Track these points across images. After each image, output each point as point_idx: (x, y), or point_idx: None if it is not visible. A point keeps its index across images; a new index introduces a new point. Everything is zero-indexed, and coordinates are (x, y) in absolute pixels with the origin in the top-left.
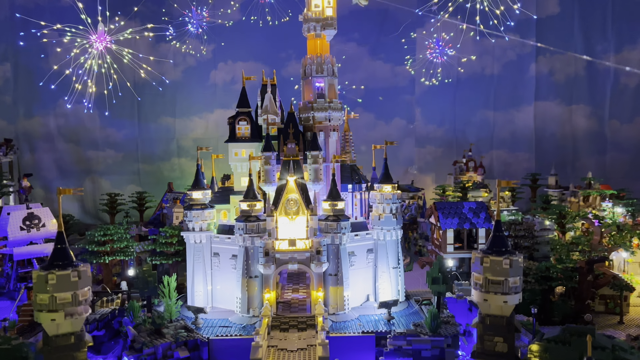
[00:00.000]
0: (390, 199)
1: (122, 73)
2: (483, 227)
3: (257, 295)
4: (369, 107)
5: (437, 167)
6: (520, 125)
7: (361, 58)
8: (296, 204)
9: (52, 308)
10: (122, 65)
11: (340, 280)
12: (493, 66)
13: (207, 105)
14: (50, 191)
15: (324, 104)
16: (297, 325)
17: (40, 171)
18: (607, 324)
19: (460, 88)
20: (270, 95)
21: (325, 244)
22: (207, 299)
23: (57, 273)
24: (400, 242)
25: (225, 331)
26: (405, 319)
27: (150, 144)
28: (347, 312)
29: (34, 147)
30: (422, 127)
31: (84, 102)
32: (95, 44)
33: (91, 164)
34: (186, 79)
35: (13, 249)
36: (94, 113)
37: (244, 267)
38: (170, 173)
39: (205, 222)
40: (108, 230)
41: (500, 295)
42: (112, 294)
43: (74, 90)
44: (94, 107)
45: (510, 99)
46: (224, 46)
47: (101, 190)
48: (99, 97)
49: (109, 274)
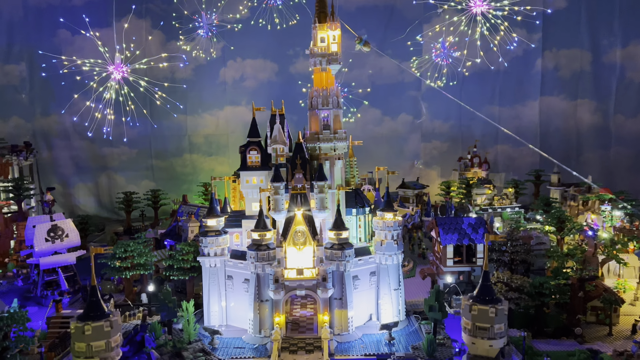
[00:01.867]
0: (392, 226)
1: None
2: (481, 242)
3: (268, 318)
4: (376, 103)
5: (443, 161)
6: (525, 120)
7: (368, 54)
8: (303, 235)
9: (89, 355)
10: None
11: (344, 303)
12: (499, 62)
13: (217, 102)
14: (68, 186)
15: (329, 135)
16: (305, 347)
17: (58, 168)
18: (597, 335)
19: (466, 84)
20: (279, 126)
21: (330, 270)
22: (223, 318)
23: (92, 325)
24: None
25: (240, 352)
26: (405, 339)
27: (162, 140)
28: (351, 332)
29: (51, 144)
30: (428, 123)
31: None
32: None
33: (106, 161)
34: (197, 76)
35: (39, 259)
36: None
37: (255, 291)
38: (183, 169)
39: (219, 248)
40: (129, 247)
41: (486, 340)
42: (134, 308)
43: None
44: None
45: (516, 95)
46: (233, 44)
47: (116, 186)
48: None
49: (130, 286)
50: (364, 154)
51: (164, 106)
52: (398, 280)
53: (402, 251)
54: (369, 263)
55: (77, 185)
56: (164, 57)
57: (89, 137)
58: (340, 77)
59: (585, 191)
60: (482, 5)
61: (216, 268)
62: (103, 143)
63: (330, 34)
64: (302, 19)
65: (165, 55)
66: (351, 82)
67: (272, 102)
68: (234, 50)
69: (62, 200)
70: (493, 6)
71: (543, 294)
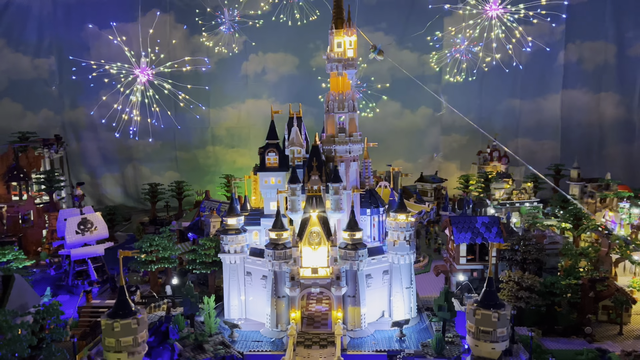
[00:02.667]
0: (404, 227)
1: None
2: (494, 241)
3: (285, 313)
4: (396, 95)
5: (463, 154)
6: (546, 113)
7: (388, 47)
8: (318, 236)
9: (118, 349)
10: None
11: (357, 301)
12: (520, 54)
13: (239, 95)
14: (96, 177)
15: (344, 138)
16: (319, 342)
17: (86, 159)
18: (607, 334)
19: (487, 77)
20: (296, 129)
21: (344, 269)
22: (242, 312)
23: (121, 322)
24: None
25: (258, 345)
26: (416, 336)
27: (186, 133)
28: (363, 328)
29: (80, 136)
30: (448, 116)
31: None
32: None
33: (132, 152)
34: (219, 70)
35: (70, 251)
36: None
37: (272, 288)
38: (206, 160)
39: (239, 245)
40: (154, 241)
41: (489, 343)
42: (158, 300)
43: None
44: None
45: (537, 88)
46: (255, 38)
47: (142, 176)
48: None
49: (155, 278)
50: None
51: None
52: (410, 278)
53: (414, 251)
54: (382, 262)
55: (105, 176)
56: (187, 61)
57: (115, 128)
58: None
59: (603, 188)
60: (498, 9)
61: (236, 265)
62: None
63: (346, 39)
64: (323, 14)
65: (189, 58)
66: (370, 77)
67: (290, 106)
68: (256, 44)
69: (90, 190)
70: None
71: (554, 293)
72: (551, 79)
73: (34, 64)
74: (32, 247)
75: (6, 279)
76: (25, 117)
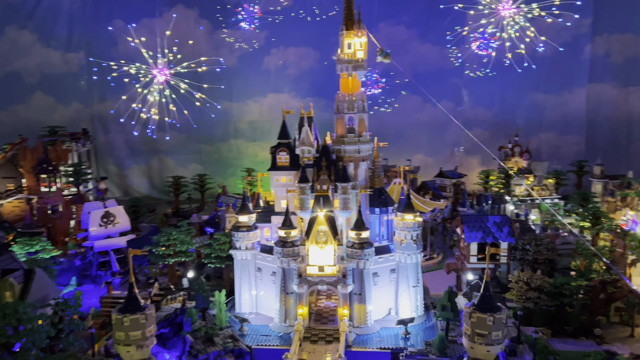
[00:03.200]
0: (411, 227)
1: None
2: (505, 241)
3: (293, 309)
4: (417, 89)
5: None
6: (571, 108)
7: (410, 41)
8: (325, 235)
9: (127, 343)
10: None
11: (363, 298)
12: (545, 48)
13: (261, 89)
14: (123, 168)
15: (353, 138)
16: (325, 337)
17: (114, 150)
18: (618, 336)
19: (510, 71)
20: (307, 129)
21: (350, 267)
22: (252, 306)
23: (130, 317)
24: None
25: (266, 340)
26: (422, 334)
27: (210, 126)
28: (369, 325)
29: (108, 128)
30: (470, 110)
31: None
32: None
33: (158, 145)
34: (242, 64)
35: (94, 242)
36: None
37: (281, 284)
38: (228, 153)
39: (250, 242)
40: (171, 236)
41: (484, 346)
42: (175, 292)
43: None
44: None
45: (563, 81)
46: (276, 32)
47: (167, 168)
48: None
49: (173, 271)
50: (405, 141)
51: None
52: (417, 277)
53: (420, 251)
54: (389, 261)
55: (131, 167)
56: (203, 61)
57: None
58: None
59: (624, 186)
60: (510, 9)
61: (247, 260)
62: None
63: (356, 41)
64: (342, 9)
65: (205, 59)
66: (390, 72)
67: (302, 105)
68: (278, 38)
69: (118, 181)
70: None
71: (563, 294)
72: (577, 72)
73: (65, 59)
74: (60, 238)
75: (28, 273)
76: (56, 110)
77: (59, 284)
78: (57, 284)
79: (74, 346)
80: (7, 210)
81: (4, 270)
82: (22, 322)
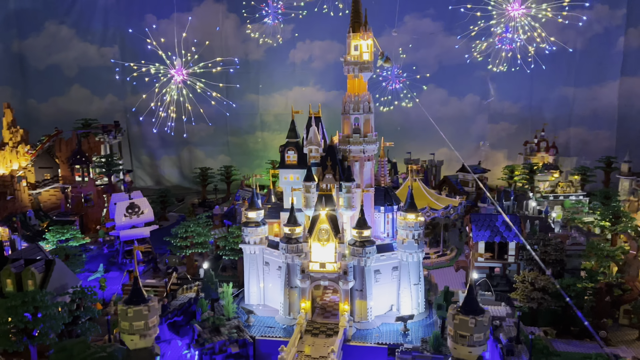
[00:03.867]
0: (413, 227)
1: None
2: (513, 241)
3: (296, 302)
4: (442, 82)
5: (511, 143)
6: (602, 102)
7: (436, 34)
8: (327, 233)
9: (131, 332)
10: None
11: (364, 295)
12: (576, 40)
13: (286, 82)
14: (155, 158)
15: (358, 138)
16: (326, 331)
17: (146, 141)
18: (624, 339)
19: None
20: (314, 128)
21: (352, 264)
22: (260, 298)
23: (134, 308)
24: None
25: (270, 331)
26: (422, 331)
27: (237, 118)
28: (370, 321)
29: (140, 120)
30: (497, 104)
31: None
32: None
33: (188, 136)
34: (268, 58)
35: (120, 232)
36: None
37: (285, 278)
38: (255, 145)
39: (258, 237)
40: (189, 228)
41: (466, 347)
42: (191, 282)
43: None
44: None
45: (594, 74)
46: (302, 26)
47: (196, 159)
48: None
49: (191, 262)
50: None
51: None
52: (418, 275)
53: (422, 249)
54: (391, 259)
55: (163, 158)
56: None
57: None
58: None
59: None
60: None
61: (255, 255)
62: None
63: (362, 43)
64: (365, 3)
65: (220, 59)
66: (412, 66)
67: (310, 106)
68: (304, 32)
69: (150, 171)
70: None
71: (568, 295)
72: (609, 65)
73: (100, 52)
74: (92, 226)
75: (48, 263)
76: (93, 102)
77: (88, 270)
78: (86, 270)
79: (90, 332)
80: (44, 198)
81: (27, 260)
82: (40, 309)
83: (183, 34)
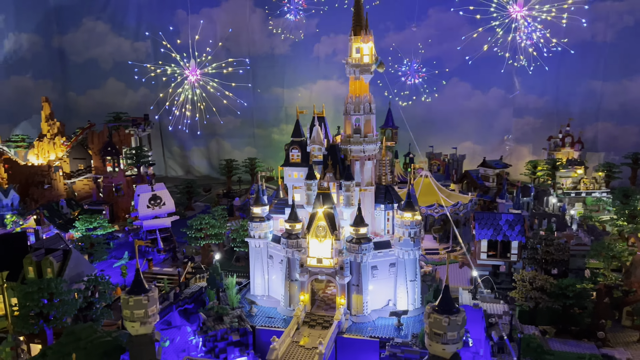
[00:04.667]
0: (409, 225)
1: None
2: (516, 239)
3: (296, 295)
4: (466, 76)
5: (535, 138)
6: (632, 96)
7: (460, 26)
8: (324, 230)
9: (132, 319)
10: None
11: (360, 290)
12: (605, 33)
13: (310, 76)
14: (185, 149)
15: (359, 138)
16: (323, 323)
17: (177, 132)
18: (624, 340)
19: (566, 57)
20: (317, 128)
21: (348, 260)
22: (265, 289)
23: (134, 298)
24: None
25: (270, 322)
26: (417, 326)
27: (263, 111)
28: (366, 314)
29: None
30: (522, 97)
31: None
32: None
33: (215, 128)
34: (293, 52)
35: (143, 222)
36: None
37: (286, 272)
38: (280, 137)
39: (263, 232)
40: (204, 220)
41: (440, 344)
42: (204, 272)
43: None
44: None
45: (623, 68)
46: (326, 20)
47: (224, 150)
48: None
49: (206, 252)
50: (452, 129)
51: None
52: (414, 272)
53: (419, 247)
54: (388, 255)
55: (193, 149)
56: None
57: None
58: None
59: None
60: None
61: (260, 248)
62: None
63: (363, 46)
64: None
65: (232, 60)
66: (432, 61)
67: (314, 106)
68: (328, 26)
69: (180, 161)
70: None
71: (567, 295)
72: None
73: (134, 47)
74: (122, 214)
75: (66, 252)
76: (127, 95)
77: (114, 257)
78: (113, 257)
79: (103, 316)
80: (78, 187)
81: (47, 249)
82: (55, 295)
83: (196, 37)
